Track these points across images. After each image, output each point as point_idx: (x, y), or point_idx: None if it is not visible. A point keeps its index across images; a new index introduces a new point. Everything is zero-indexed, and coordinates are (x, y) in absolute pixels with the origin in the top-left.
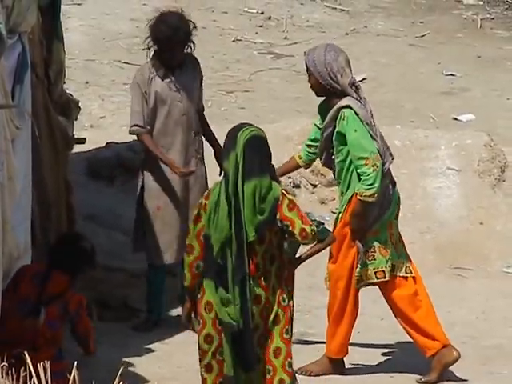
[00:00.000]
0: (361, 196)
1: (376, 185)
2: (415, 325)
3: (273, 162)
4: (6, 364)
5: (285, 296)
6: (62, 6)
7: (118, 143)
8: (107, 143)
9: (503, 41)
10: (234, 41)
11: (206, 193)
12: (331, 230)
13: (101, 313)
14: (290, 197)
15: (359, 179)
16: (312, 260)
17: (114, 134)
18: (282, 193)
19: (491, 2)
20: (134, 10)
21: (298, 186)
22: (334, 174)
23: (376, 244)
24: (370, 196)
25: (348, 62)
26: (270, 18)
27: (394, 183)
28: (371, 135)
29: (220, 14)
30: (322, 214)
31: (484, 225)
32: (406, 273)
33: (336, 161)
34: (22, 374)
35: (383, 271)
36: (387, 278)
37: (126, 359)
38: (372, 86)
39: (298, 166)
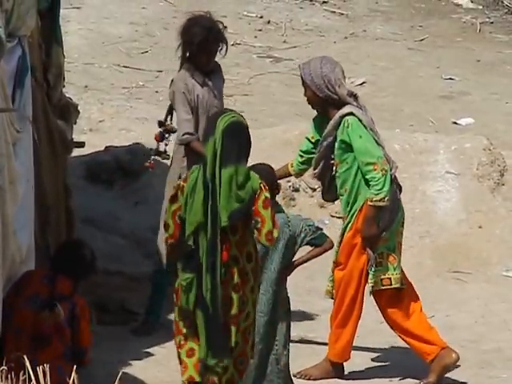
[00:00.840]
0: (371, 201)
1: (385, 189)
2: (410, 333)
3: (272, 166)
4: (6, 368)
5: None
6: (61, 10)
7: (117, 147)
8: (106, 147)
9: (502, 45)
10: (233, 44)
11: (184, 175)
12: (340, 239)
13: (99, 316)
14: (267, 194)
15: (368, 186)
16: (311, 264)
17: (113, 138)
18: (261, 187)
19: (490, 6)
20: (134, 14)
21: (297, 190)
22: (324, 188)
23: (385, 251)
24: (380, 200)
25: (343, 73)
26: (269, 21)
27: (400, 188)
28: (376, 141)
29: (219, 18)
30: (321, 217)
31: (483, 228)
32: (402, 284)
33: (339, 171)
34: (21, 378)
35: (389, 278)
36: (393, 286)
37: (125, 363)
38: (371, 90)
39: (289, 174)
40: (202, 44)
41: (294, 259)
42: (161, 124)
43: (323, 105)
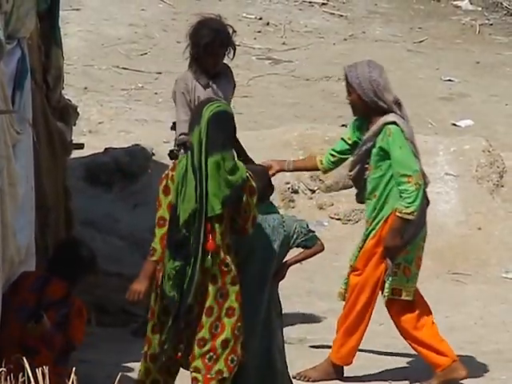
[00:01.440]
0: (400, 213)
1: (417, 203)
2: (422, 342)
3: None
4: (5, 369)
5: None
6: (60, 12)
7: (116, 149)
8: (106, 149)
9: (502, 46)
10: None
11: (172, 165)
12: (361, 244)
13: (99, 318)
14: (253, 183)
15: (399, 196)
16: (310, 266)
17: (113, 140)
18: (247, 176)
19: (490, 7)
20: (133, 16)
21: (296, 192)
22: (359, 190)
23: (402, 262)
24: (409, 214)
25: (389, 81)
26: (268, 23)
27: (428, 203)
28: (414, 154)
29: None
30: (320, 219)
31: (482, 230)
32: (413, 297)
33: (372, 176)
34: (20, 380)
35: (400, 290)
36: (403, 297)
37: (125, 364)
38: None
39: (316, 168)
40: (208, 47)
41: (284, 260)
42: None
43: (366, 110)
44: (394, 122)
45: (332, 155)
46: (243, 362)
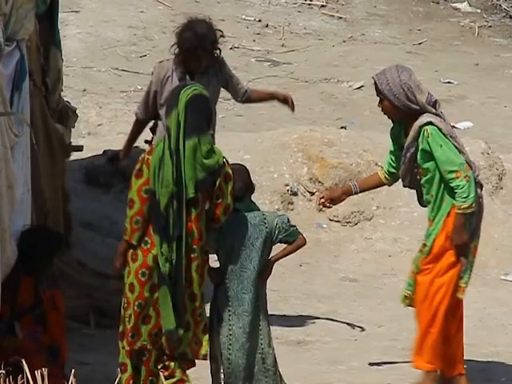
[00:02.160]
0: (459, 209)
1: (472, 195)
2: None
3: (270, 170)
4: (4, 372)
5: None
6: (59, 14)
7: (115, 150)
8: (104, 151)
9: (501, 48)
10: (231, 48)
11: (149, 148)
12: (429, 244)
13: (97, 320)
14: (229, 170)
15: (453, 193)
16: (309, 268)
17: (112, 142)
18: (224, 162)
19: (489, 9)
20: (132, 18)
21: (295, 194)
22: (419, 195)
23: None
24: (468, 207)
25: (420, 82)
26: (267, 25)
27: (481, 187)
28: (457, 147)
29: (217, 22)
30: (319, 221)
31: (481, 232)
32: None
33: (424, 179)
34: (19, 382)
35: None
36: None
37: None
38: (369, 94)
39: (382, 184)
40: (190, 51)
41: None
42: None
43: (400, 115)
44: (429, 123)
45: (391, 172)
46: (234, 361)
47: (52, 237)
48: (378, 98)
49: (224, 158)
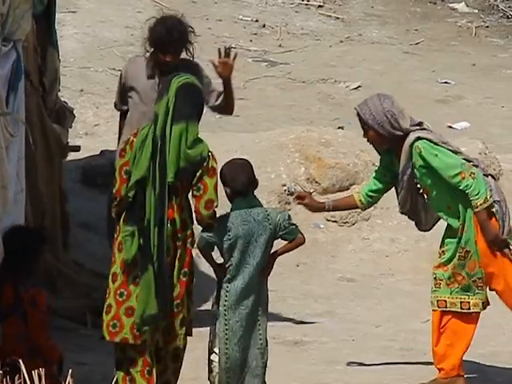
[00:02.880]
0: (477, 208)
1: (482, 190)
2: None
3: (267, 170)
4: (1, 372)
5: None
6: (56, 14)
7: (112, 151)
8: (102, 151)
9: (498, 49)
10: (228, 48)
11: (135, 130)
12: (453, 253)
13: (94, 320)
14: (215, 164)
15: (466, 194)
16: (306, 269)
17: (109, 142)
18: (209, 155)
19: (486, 10)
20: (129, 18)
21: (292, 194)
22: (418, 221)
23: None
24: (484, 203)
25: (402, 107)
26: (264, 25)
27: (494, 178)
28: (451, 150)
29: (215, 22)
30: (316, 221)
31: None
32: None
33: (432, 196)
34: (16, 382)
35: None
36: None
37: None
38: (366, 94)
39: (356, 207)
40: (158, 43)
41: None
42: None
43: (387, 142)
44: (418, 138)
45: (370, 196)
46: (232, 355)
47: (31, 235)
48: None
49: (210, 151)
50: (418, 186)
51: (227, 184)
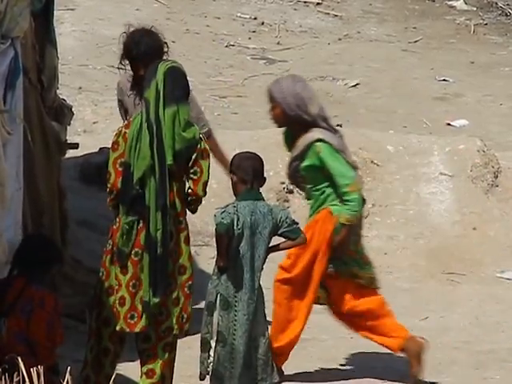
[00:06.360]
0: (346, 221)
1: (359, 209)
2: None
3: (266, 168)
4: (0, 369)
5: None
6: (55, 11)
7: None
8: (100, 148)
9: (496, 46)
10: (226, 46)
11: (126, 122)
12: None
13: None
14: (207, 146)
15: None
16: None
17: (107, 139)
18: (201, 137)
19: (484, 7)
20: (127, 16)
21: (291, 192)
22: (301, 189)
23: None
24: (352, 221)
25: (315, 94)
26: (262, 23)
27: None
28: (348, 162)
29: (213, 20)
30: None
31: (477, 230)
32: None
33: (307, 185)
34: (15, 379)
35: None
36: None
37: (118, 364)
38: (365, 92)
39: None
40: (125, 55)
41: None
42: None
43: (290, 124)
44: (320, 139)
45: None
46: (236, 347)
47: (52, 248)
48: (271, 105)
49: (200, 133)
50: (299, 174)
51: (235, 172)
